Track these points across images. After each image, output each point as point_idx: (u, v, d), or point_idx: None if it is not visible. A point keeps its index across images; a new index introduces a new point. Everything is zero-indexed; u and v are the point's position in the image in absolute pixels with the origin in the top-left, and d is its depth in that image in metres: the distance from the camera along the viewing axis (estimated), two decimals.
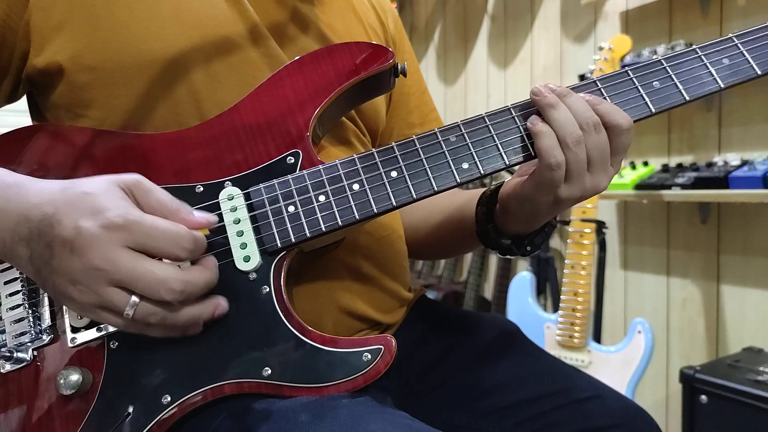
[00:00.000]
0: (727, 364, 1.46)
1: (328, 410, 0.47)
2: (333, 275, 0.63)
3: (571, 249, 1.71)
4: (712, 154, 1.73)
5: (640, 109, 0.57)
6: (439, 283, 2.55)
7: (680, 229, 1.84)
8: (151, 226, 0.45)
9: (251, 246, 0.52)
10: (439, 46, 2.76)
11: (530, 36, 2.32)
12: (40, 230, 0.45)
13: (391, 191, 0.54)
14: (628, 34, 1.89)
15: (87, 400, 0.50)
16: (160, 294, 0.44)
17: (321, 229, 0.53)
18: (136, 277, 0.44)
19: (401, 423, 0.48)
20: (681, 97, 0.57)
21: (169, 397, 0.49)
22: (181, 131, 0.57)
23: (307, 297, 0.60)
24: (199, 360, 0.50)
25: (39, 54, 0.57)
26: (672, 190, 1.63)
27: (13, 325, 0.53)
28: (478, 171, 0.55)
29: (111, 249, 0.43)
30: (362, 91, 0.61)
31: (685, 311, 1.85)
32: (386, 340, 0.50)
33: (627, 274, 2.01)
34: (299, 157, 0.55)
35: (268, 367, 0.49)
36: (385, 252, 0.69)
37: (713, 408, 1.37)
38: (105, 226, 0.43)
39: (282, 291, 0.52)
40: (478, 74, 2.56)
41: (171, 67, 0.57)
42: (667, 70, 0.57)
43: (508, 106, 0.57)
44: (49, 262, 0.45)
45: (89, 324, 0.52)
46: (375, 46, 0.59)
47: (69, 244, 0.44)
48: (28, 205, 0.46)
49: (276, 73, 0.59)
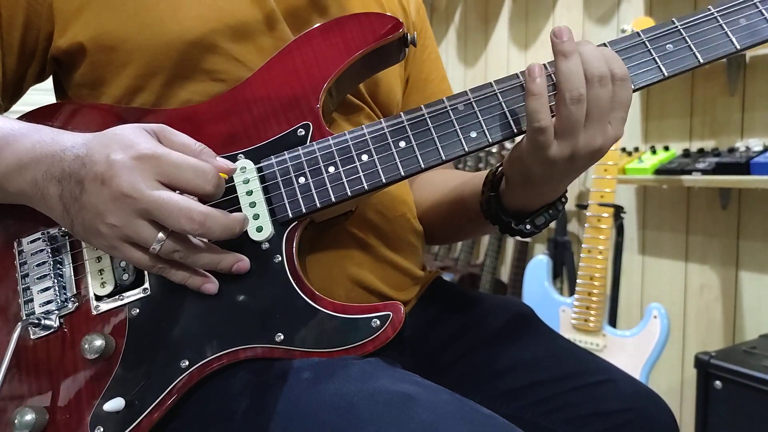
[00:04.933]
0: (743, 350, 1.45)
1: (339, 368, 0.48)
2: (344, 249, 0.64)
3: (588, 233, 1.71)
4: (735, 139, 1.70)
5: (652, 73, 0.55)
6: (456, 266, 2.56)
7: (700, 215, 1.82)
8: (178, 158, 0.47)
9: (263, 216, 0.54)
10: (460, 27, 2.74)
11: (552, 16, 2.29)
12: (72, 169, 0.48)
13: (399, 161, 0.55)
14: (652, 15, 1.86)
15: (110, 364, 0.52)
16: (180, 222, 0.46)
17: (330, 200, 0.54)
18: (160, 204, 0.46)
19: (410, 379, 0.49)
20: (695, 60, 0.55)
21: (187, 362, 0.51)
22: (194, 106, 0.59)
23: (320, 268, 0.61)
24: (215, 326, 0.52)
25: (62, 35, 0.59)
26: (692, 176, 1.61)
27: (40, 294, 0.55)
28: (486, 139, 0.55)
29: (139, 177, 0.46)
30: (373, 63, 0.61)
31: (703, 297, 1.83)
32: (395, 306, 0.51)
33: (645, 259, 2.00)
34: (309, 129, 0.56)
35: (281, 332, 0.51)
36: (396, 231, 0.70)
37: (728, 394, 1.36)
38: (135, 156, 0.46)
39: (294, 260, 0.53)
40: (499, 55, 2.54)
41: (188, 48, 0.58)
42: (681, 32, 0.56)
43: (517, 73, 0.56)
44: (78, 198, 0.47)
45: (112, 292, 0.54)
46: (384, 16, 0.59)
47: (100, 177, 0.46)
48: (63, 147, 0.49)
49: (286, 47, 0.59)
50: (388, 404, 0.45)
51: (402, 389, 0.47)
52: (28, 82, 0.64)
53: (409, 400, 0.45)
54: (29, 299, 0.55)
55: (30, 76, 0.63)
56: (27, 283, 0.56)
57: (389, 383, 0.47)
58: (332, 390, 0.47)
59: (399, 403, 0.45)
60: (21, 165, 0.50)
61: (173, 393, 0.51)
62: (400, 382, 0.48)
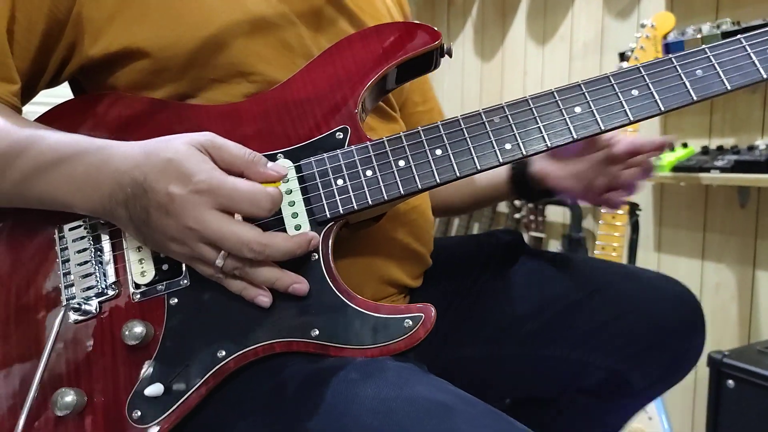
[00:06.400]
0: (757, 350, 1.45)
1: (376, 370, 0.50)
2: (372, 245, 0.66)
3: (602, 230, 1.70)
4: (755, 137, 1.68)
5: (682, 96, 0.56)
6: None
7: (717, 213, 1.81)
8: (233, 188, 0.49)
9: (302, 216, 0.56)
10: (477, 21, 2.73)
11: (571, 11, 2.28)
12: (135, 194, 0.50)
13: (435, 168, 0.57)
14: (673, 10, 1.84)
15: (148, 351, 0.54)
16: (242, 252, 0.49)
17: (368, 203, 0.56)
18: (221, 236, 0.49)
19: (444, 387, 0.51)
20: (723, 87, 0.56)
21: (224, 352, 0.53)
22: (235, 103, 0.60)
23: (350, 267, 0.63)
24: (252, 319, 0.54)
25: (94, 44, 0.59)
26: (711, 173, 1.60)
27: (82, 280, 0.57)
28: (520, 152, 0.57)
29: (200, 211, 0.48)
30: (408, 70, 0.63)
31: (719, 296, 1.83)
32: (427, 309, 0.52)
33: (661, 257, 1.99)
34: (348, 132, 0.58)
35: (316, 328, 0.53)
36: (417, 219, 0.72)
37: (740, 393, 1.36)
38: (193, 191, 0.48)
39: (330, 258, 0.55)
40: (516, 50, 2.53)
41: (214, 47, 0.60)
42: (710, 58, 0.57)
43: (552, 90, 0.58)
44: (147, 221, 0.50)
45: (151, 281, 0.56)
46: (423, 26, 0.61)
47: (164, 208, 0.49)
48: (118, 173, 0.51)
49: (326, 51, 0.61)
50: (427, 413, 0.46)
51: (440, 398, 0.48)
52: (39, 87, 0.64)
53: (448, 411, 0.46)
54: (70, 284, 0.57)
55: (42, 83, 0.64)
56: (68, 268, 0.57)
57: (426, 391, 0.48)
58: (371, 393, 0.48)
59: (438, 413, 0.46)
60: (80, 189, 0.52)
61: (209, 381, 0.52)
62: (437, 391, 0.49)
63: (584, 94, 0.57)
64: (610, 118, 0.57)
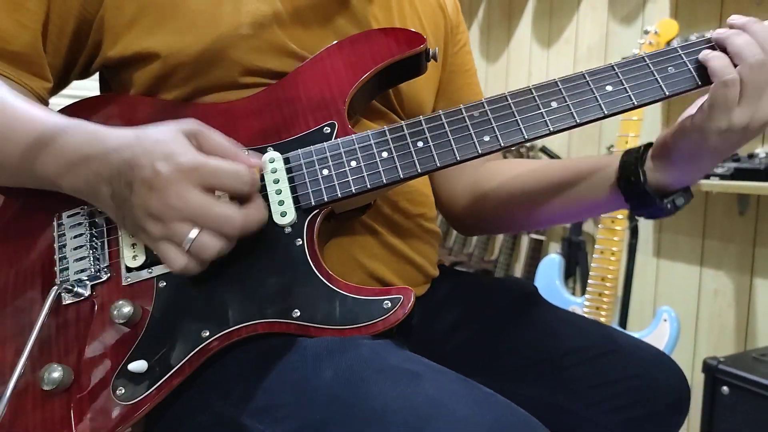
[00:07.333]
0: (753, 357, 1.45)
1: (351, 347, 0.51)
2: (361, 241, 0.67)
3: (601, 234, 1.71)
4: (755, 145, 1.69)
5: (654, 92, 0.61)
6: (470, 261, 2.58)
7: (717, 220, 1.81)
8: (216, 165, 0.51)
9: (288, 203, 0.57)
10: (483, 23, 2.74)
11: (576, 14, 2.28)
12: (120, 171, 0.51)
13: (416, 159, 0.59)
14: (678, 17, 1.84)
15: (136, 330, 0.55)
16: (223, 229, 0.50)
17: (351, 191, 0.58)
18: (204, 213, 0.50)
19: (418, 359, 0.52)
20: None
21: (208, 332, 0.54)
22: (230, 102, 0.64)
23: (336, 257, 0.65)
24: (236, 301, 0.55)
25: (112, 47, 0.63)
26: (710, 180, 1.61)
27: (76, 263, 0.59)
28: (498, 144, 0.59)
29: (184, 187, 0.49)
30: (396, 73, 0.66)
31: (716, 302, 1.83)
32: (406, 291, 0.54)
33: (659, 262, 1.99)
34: (335, 127, 0.61)
35: (298, 309, 0.54)
36: (414, 230, 0.73)
37: (734, 400, 1.36)
38: (178, 169, 0.50)
39: (314, 244, 0.57)
40: (521, 52, 2.54)
41: (221, 51, 0.62)
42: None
43: (530, 86, 0.61)
44: (129, 198, 0.51)
45: (142, 265, 0.57)
46: (409, 32, 0.65)
47: (148, 183, 0.50)
48: (109, 149, 0.52)
49: (318, 54, 0.65)
50: (395, 379, 0.48)
51: (410, 367, 0.50)
52: (71, 79, 0.69)
53: (416, 377, 0.48)
54: (65, 267, 0.59)
55: (73, 75, 0.68)
56: (64, 252, 0.59)
57: (398, 361, 0.51)
58: (344, 366, 0.50)
59: (406, 378, 0.48)
60: (71, 164, 0.54)
61: (193, 360, 0.54)
62: (407, 362, 0.51)
63: (560, 90, 0.60)
64: (584, 111, 0.60)
